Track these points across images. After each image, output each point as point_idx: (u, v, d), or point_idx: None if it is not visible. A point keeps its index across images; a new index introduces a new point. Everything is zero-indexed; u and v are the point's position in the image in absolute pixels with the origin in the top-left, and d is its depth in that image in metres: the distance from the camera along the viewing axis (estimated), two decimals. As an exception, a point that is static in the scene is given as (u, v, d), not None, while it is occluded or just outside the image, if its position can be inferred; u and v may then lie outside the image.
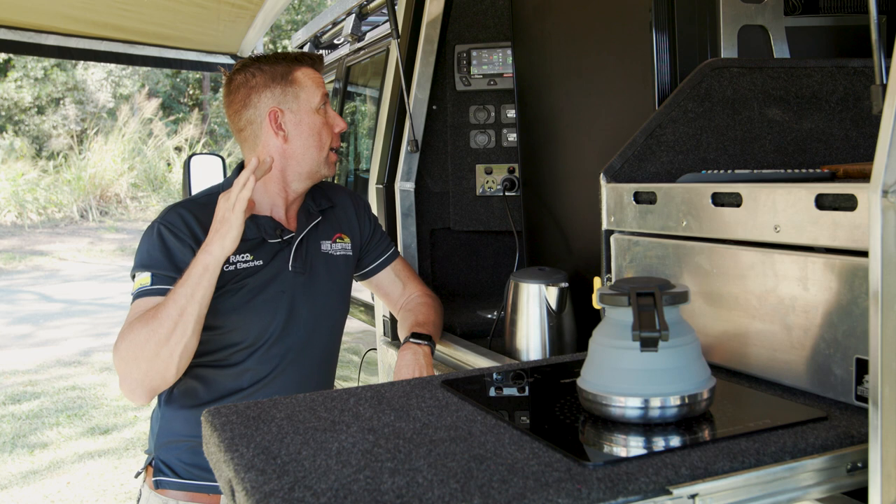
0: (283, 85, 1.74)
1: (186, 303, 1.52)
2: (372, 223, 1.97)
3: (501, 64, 2.35)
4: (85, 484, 4.41)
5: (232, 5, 3.52)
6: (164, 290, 1.59)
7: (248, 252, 1.69)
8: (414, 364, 1.73)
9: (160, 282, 1.60)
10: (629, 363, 0.96)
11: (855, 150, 1.45)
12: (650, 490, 0.81)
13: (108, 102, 16.79)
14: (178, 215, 1.68)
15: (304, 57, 1.80)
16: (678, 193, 1.20)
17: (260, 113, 1.74)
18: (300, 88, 1.75)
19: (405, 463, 0.87)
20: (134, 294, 1.63)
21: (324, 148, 1.77)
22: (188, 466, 1.73)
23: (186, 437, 1.71)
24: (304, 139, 1.74)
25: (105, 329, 8.04)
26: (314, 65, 1.81)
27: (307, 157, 1.75)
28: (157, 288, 1.60)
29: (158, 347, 1.52)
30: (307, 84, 1.76)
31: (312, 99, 1.75)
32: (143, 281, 1.62)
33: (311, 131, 1.75)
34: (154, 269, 1.62)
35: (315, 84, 1.77)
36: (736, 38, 1.54)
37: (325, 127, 1.78)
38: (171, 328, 1.52)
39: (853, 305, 0.96)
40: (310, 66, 1.79)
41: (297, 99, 1.74)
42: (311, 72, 1.79)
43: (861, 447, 0.89)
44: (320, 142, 1.76)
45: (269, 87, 1.73)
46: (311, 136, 1.75)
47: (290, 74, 1.75)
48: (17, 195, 14.36)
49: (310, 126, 1.75)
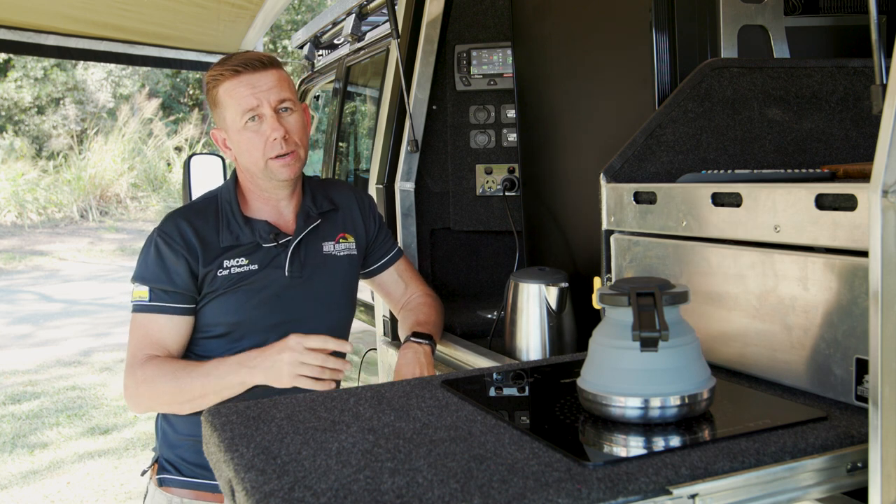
0: (213, 107, 1.73)
1: (211, 393, 1.61)
2: (377, 222, 1.96)
3: (501, 64, 2.35)
4: (85, 484, 4.41)
5: (232, 5, 3.52)
6: (160, 307, 1.66)
7: (242, 256, 1.69)
8: (415, 363, 1.73)
9: (158, 298, 1.66)
10: (629, 363, 0.96)
11: (855, 150, 1.45)
12: (650, 490, 0.81)
13: (108, 102, 16.79)
14: (175, 225, 1.69)
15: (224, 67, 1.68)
16: (678, 193, 1.20)
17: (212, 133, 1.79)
18: (223, 109, 1.69)
19: (405, 463, 0.87)
20: (133, 304, 1.69)
21: (258, 162, 1.68)
22: (191, 465, 1.74)
23: (189, 436, 1.72)
24: (242, 157, 1.71)
25: (105, 329, 8.04)
26: (238, 73, 1.66)
27: (252, 170, 1.72)
28: (155, 305, 1.66)
29: (171, 405, 1.66)
30: (227, 103, 1.67)
31: (234, 118, 1.67)
32: (141, 294, 1.67)
33: (240, 149, 1.70)
34: (151, 284, 1.66)
35: (235, 100, 1.66)
36: (736, 38, 1.54)
37: (255, 141, 1.67)
38: (188, 400, 1.62)
39: (853, 305, 0.96)
40: (231, 77, 1.66)
41: (223, 120, 1.71)
42: (233, 84, 1.66)
43: (861, 447, 0.89)
44: (251, 157, 1.69)
45: (211, 108, 1.76)
46: (242, 154, 1.70)
47: (215, 95, 1.70)
48: (17, 195, 14.36)
49: (237, 144, 1.70)
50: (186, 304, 1.67)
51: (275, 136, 1.66)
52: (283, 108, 1.69)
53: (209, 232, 1.69)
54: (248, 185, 1.76)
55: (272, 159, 1.67)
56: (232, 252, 1.69)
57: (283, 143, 1.66)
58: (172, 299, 1.66)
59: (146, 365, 1.62)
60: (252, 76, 1.66)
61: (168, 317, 1.66)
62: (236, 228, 1.71)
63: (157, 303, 1.66)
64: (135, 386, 1.63)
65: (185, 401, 1.62)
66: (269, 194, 1.76)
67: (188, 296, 1.67)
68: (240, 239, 1.70)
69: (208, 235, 1.69)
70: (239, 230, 1.71)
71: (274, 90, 1.67)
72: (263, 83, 1.67)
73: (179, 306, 1.66)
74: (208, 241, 1.68)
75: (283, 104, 1.68)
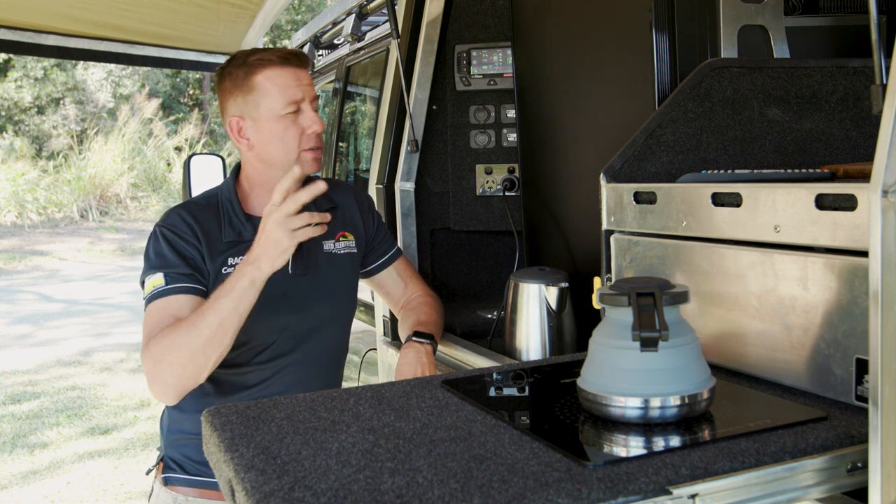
0: (244, 92, 1.68)
1: (228, 315, 1.52)
2: (376, 221, 1.97)
3: (501, 64, 2.35)
4: (85, 484, 4.41)
5: (232, 5, 3.52)
6: (180, 288, 1.60)
7: (246, 253, 1.69)
8: (416, 363, 1.73)
9: (174, 280, 1.60)
10: (629, 363, 0.96)
11: (855, 150, 1.45)
12: (650, 490, 0.81)
13: (108, 102, 16.79)
14: (178, 216, 1.68)
15: (270, 56, 1.69)
16: (678, 193, 1.20)
17: (227, 120, 1.74)
18: (260, 95, 1.67)
19: (405, 463, 0.87)
20: (148, 297, 1.62)
21: (290, 153, 1.69)
22: (196, 463, 1.74)
23: (194, 434, 1.71)
24: (266, 146, 1.69)
25: (105, 329, 8.04)
26: (283, 63, 1.68)
27: (276, 162, 1.70)
28: (173, 287, 1.60)
29: (194, 354, 1.52)
30: (269, 90, 1.67)
31: (275, 105, 1.66)
32: (156, 282, 1.61)
33: (271, 138, 1.68)
34: (166, 269, 1.61)
35: (279, 88, 1.67)
36: (736, 38, 1.54)
37: (291, 131, 1.68)
38: (210, 337, 1.52)
39: (853, 305, 0.96)
40: (277, 65, 1.68)
41: (257, 107, 1.68)
42: (278, 72, 1.67)
43: (861, 447, 0.89)
44: (284, 147, 1.69)
45: (233, 94, 1.70)
46: (272, 143, 1.69)
47: (251, 80, 1.67)
48: (17, 195, 14.36)
49: (270, 132, 1.68)
50: (203, 286, 1.63)
51: (314, 129, 1.70)
52: (315, 108, 1.74)
53: (212, 226, 1.69)
54: (257, 178, 1.74)
55: (305, 151, 1.71)
56: (235, 249, 1.68)
57: (317, 139, 1.72)
58: (190, 280, 1.62)
59: (156, 336, 1.55)
60: (297, 70, 1.70)
61: (188, 297, 1.60)
62: (238, 224, 1.71)
63: (174, 284, 1.60)
64: (152, 362, 1.54)
65: (206, 341, 1.51)
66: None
67: (202, 280, 1.64)
68: (242, 235, 1.70)
69: (211, 229, 1.68)
70: (241, 226, 1.70)
71: (311, 88, 1.73)
72: (305, 79, 1.72)
73: (197, 287, 1.62)
74: (212, 233, 1.68)
75: (315, 102, 1.74)
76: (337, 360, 1.88)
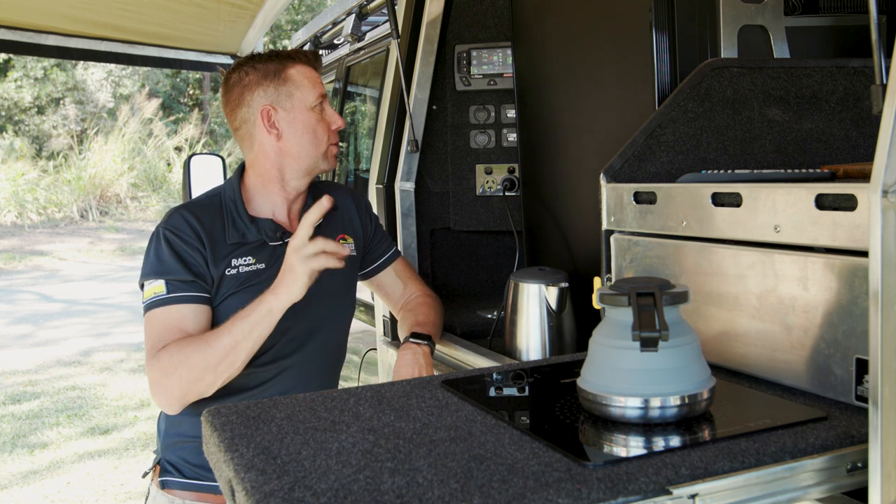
0: (277, 83, 1.73)
1: (242, 338, 1.54)
2: (373, 223, 1.97)
3: (501, 64, 2.35)
4: (85, 484, 4.41)
5: (232, 5, 3.52)
6: (181, 297, 1.60)
7: (249, 255, 1.69)
8: (413, 364, 1.73)
9: (176, 289, 1.60)
10: (629, 363, 0.96)
11: (855, 150, 1.45)
12: (650, 490, 0.81)
13: (108, 102, 16.79)
14: (182, 218, 1.67)
15: (300, 54, 1.78)
16: (678, 193, 1.20)
17: (253, 111, 1.73)
18: (294, 86, 1.73)
19: (405, 463, 0.87)
20: (147, 303, 1.62)
21: (320, 145, 1.76)
22: (194, 467, 1.73)
23: (192, 437, 1.71)
24: (298, 136, 1.73)
25: (105, 329, 8.04)
26: (310, 62, 1.78)
27: (303, 153, 1.74)
28: (175, 296, 1.60)
29: (205, 373, 1.55)
30: (301, 82, 1.74)
31: (307, 97, 1.74)
32: (157, 289, 1.61)
33: (305, 128, 1.74)
34: (167, 276, 1.61)
35: (310, 82, 1.75)
36: (736, 38, 1.54)
37: (321, 124, 1.76)
38: (222, 358, 1.54)
39: (853, 305, 0.96)
40: (305, 63, 1.77)
41: (290, 97, 1.73)
42: (307, 69, 1.76)
43: (861, 447, 0.89)
44: (316, 139, 1.75)
45: (262, 85, 1.73)
46: (306, 133, 1.74)
47: (284, 72, 1.74)
48: (17, 195, 14.36)
49: (304, 123, 1.74)
50: (206, 294, 1.63)
51: (338, 124, 1.79)
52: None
53: (215, 227, 1.68)
54: (272, 174, 1.75)
55: (332, 145, 1.78)
56: (239, 251, 1.68)
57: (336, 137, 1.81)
58: (192, 288, 1.61)
59: (168, 348, 1.56)
60: (317, 74, 1.81)
61: (190, 306, 1.60)
62: (242, 226, 1.70)
63: (175, 293, 1.60)
64: (160, 372, 1.55)
65: (218, 361, 1.53)
66: (289, 185, 1.77)
67: (206, 286, 1.63)
68: (246, 237, 1.69)
69: (215, 231, 1.68)
70: (245, 228, 1.70)
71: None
72: (321, 81, 1.82)
73: (200, 295, 1.62)
74: (215, 236, 1.67)
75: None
76: (335, 362, 1.88)
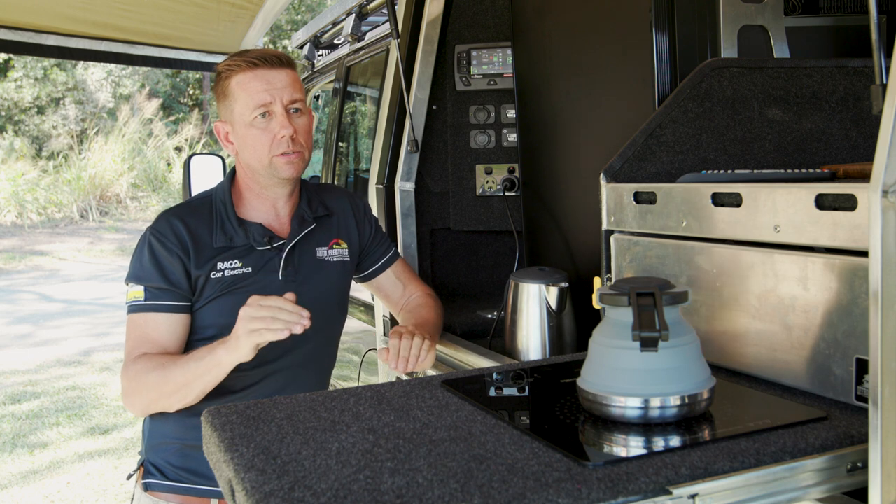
0: (221, 98, 1.71)
1: (194, 379, 1.56)
2: (372, 226, 1.95)
3: (501, 64, 2.35)
4: (85, 484, 4.41)
5: (232, 5, 3.52)
6: (157, 305, 1.64)
7: (236, 259, 1.68)
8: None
9: (153, 297, 1.64)
10: (629, 363, 0.96)
11: (855, 150, 1.45)
12: (650, 490, 0.81)
13: (108, 102, 16.79)
14: (168, 224, 1.67)
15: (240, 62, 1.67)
16: (678, 193, 1.20)
17: (214, 125, 1.76)
18: (233, 100, 1.68)
19: (405, 463, 0.87)
20: (128, 305, 1.67)
21: (262, 158, 1.67)
22: (177, 469, 1.73)
23: (176, 439, 1.71)
24: (248, 150, 1.70)
25: (105, 329, 8.04)
26: (254, 67, 1.66)
27: (257, 166, 1.70)
28: (151, 304, 1.64)
29: (160, 398, 1.61)
30: (239, 95, 1.66)
31: (244, 111, 1.66)
32: (136, 294, 1.65)
33: (245, 143, 1.69)
34: (146, 283, 1.64)
35: (247, 93, 1.65)
36: (736, 38, 1.54)
37: (262, 137, 1.66)
38: (174, 391, 1.58)
39: (853, 305, 0.96)
40: (246, 70, 1.66)
41: (231, 112, 1.69)
42: (248, 77, 1.66)
43: (861, 447, 0.89)
44: (256, 153, 1.68)
45: (217, 100, 1.74)
46: (247, 148, 1.69)
47: (225, 86, 1.69)
48: (17, 195, 14.36)
49: (244, 138, 1.69)
50: (182, 302, 1.66)
51: (283, 133, 1.66)
52: (294, 109, 1.69)
53: (203, 231, 1.68)
54: (247, 182, 1.75)
55: (277, 156, 1.67)
56: (226, 254, 1.68)
57: (290, 143, 1.67)
58: (168, 297, 1.64)
59: (137, 361, 1.60)
60: (268, 72, 1.67)
61: (164, 315, 1.64)
62: (230, 230, 1.70)
63: (152, 301, 1.64)
64: (128, 382, 1.61)
65: (171, 391, 1.58)
66: (268, 192, 1.75)
67: (183, 294, 1.65)
68: (234, 241, 1.69)
69: (202, 235, 1.68)
70: (233, 231, 1.69)
71: (287, 89, 1.68)
72: (278, 81, 1.67)
73: (175, 304, 1.65)
74: (202, 240, 1.67)
75: (294, 104, 1.69)
76: (324, 367, 1.87)
